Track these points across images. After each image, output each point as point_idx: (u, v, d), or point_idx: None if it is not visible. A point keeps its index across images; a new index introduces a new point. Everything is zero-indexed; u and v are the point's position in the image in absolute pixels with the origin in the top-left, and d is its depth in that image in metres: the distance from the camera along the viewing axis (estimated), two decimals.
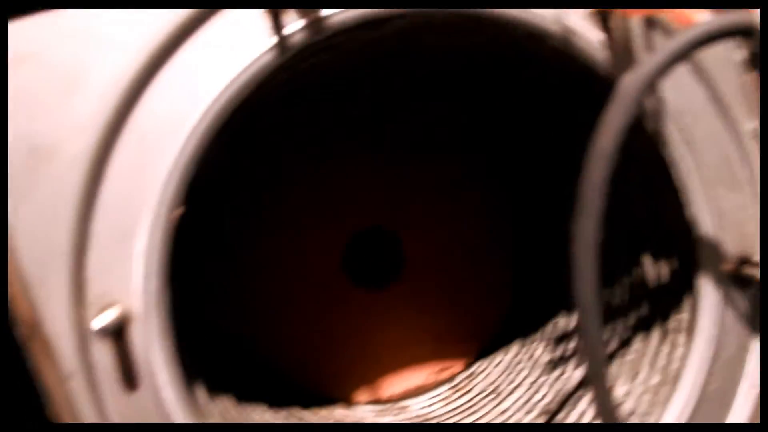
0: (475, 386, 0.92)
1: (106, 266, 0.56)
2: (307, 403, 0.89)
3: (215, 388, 0.71)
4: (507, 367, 0.91)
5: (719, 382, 0.66)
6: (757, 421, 0.66)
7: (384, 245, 0.96)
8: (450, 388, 0.94)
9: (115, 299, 0.56)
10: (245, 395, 0.78)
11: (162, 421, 0.57)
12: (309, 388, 0.93)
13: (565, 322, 0.87)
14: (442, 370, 0.97)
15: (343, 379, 0.95)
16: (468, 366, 0.97)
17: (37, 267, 0.54)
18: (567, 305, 0.86)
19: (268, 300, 0.93)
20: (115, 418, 0.56)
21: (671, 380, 0.67)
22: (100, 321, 0.54)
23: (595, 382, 0.52)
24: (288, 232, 0.92)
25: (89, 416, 0.56)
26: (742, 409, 0.66)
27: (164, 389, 0.57)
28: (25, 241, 0.54)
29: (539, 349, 0.88)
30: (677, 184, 0.64)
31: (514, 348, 0.92)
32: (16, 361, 0.56)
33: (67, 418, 0.56)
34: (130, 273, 0.56)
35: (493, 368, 0.93)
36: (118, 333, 0.56)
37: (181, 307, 0.74)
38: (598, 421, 0.52)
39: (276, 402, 0.83)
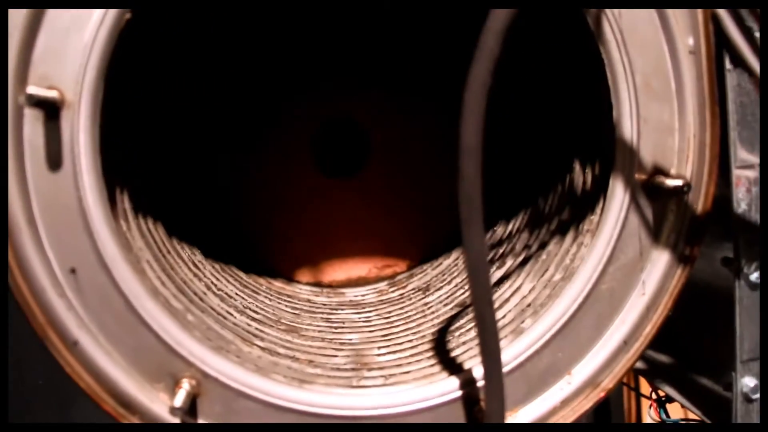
0: (410, 283, 0.95)
1: (53, 51, 0.60)
2: (247, 268, 0.93)
3: (145, 211, 0.75)
4: (444, 270, 0.94)
5: (613, 283, 0.68)
6: (643, 325, 0.68)
7: (353, 137, 0.99)
8: (388, 284, 0.98)
9: (55, 83, 0.60)
10: (182, 235, 0.83)
11: (76, 205, 0.62)
12: (253, 256, 0.97)
13: (502, 230, 0.89)
14: (386, 267, 1.00)
15: (290, 257, 0.99)
16: (410, 267, 1.01)
17: None
18: (505, 215, 0.89)
19: (233, 168, 0.98)
20: (34, 193, 0.61)
21: (569, 276, 0.70)
22: (35, 89, 0.58)
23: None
24: (262, 111, 0.97)
25: (11, 185, 0.60)
26: (630, 312, 0.68)
27: (84, 174, 0.61)
28: None
29: None
30: (609, 85, 0.66)
31: (454, 254, 0.95)
32: None
33: None
34: (73, 61, 0.61)
35: (431, 270, 0.96)
36: (51, 112, 0.60)
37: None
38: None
39: (212, 254, 0.88)
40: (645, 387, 1.58)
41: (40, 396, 1.31)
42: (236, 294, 0.82)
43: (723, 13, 0.58)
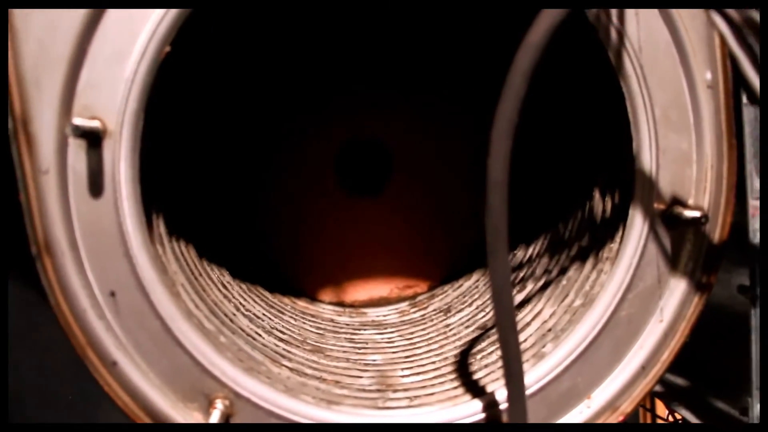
0: (432, 304, 0.97)
1: (96, 82, 0.63)
2: (272, 287, 0.95)
3: (179, 234, 0.78)
4: (465, 291, 0.96)
5: (631, 309, 0.70)
6: (661, 351, 0.70)
7: (376, 156, 1.02)
8: (410, 304, 1.00)
9: (97, 114, 0.63)
10: (211, 256, 0.85)
11: (116, 231, 0.64)
12: (277, 275, 1.00)
13: (522, 254, 0.91)
14: (407, 287, 1.03)
15: (312, 276, 1.02)
16: (432, 288, 1.03)
17: (35, 68, 0.62)
18: (526, 239, 0.91)
19: (258, 187, 1.00)
20: (76, 218, 0.64)
21: (589, 302, 0.72)
22: (80, 120, 0.61)
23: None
24: (286, 129, 1.00)
25: (54, 210, 0.63)
26: (648, 338, 0.70)
27: (124, 201, 0.64)
28: (30, 44, 0.62)
29: None
30: (629, 117, 0.68)
31: (475, 275, 0.98)
32: None
33: (35, 211, 0.63)
34: (115, 93, 0.63)
35: (452, 291, 0.98)
36: (93, 141, 0.63)
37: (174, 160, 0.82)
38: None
39: (239, 274, 0.90)
40: (660, 408, 1.59)
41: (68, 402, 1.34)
42: (263, 314, 0.84)
43: (740, 56, 0.60)
